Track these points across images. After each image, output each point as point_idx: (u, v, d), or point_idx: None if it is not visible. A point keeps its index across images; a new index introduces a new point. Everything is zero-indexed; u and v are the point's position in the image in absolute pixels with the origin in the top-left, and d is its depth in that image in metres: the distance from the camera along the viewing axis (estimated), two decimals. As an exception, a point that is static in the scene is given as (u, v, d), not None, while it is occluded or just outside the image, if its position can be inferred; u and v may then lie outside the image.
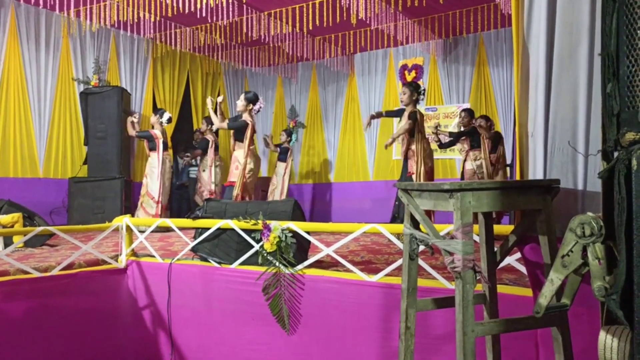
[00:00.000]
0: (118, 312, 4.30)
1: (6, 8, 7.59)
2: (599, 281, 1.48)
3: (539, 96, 2.25)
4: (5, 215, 5.23)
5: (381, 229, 3.27)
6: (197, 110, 10.39)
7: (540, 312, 1.67)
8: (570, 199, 2.13)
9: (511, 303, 2.64)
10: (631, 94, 1.39)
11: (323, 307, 3.47)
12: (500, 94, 9.14)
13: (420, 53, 9.79)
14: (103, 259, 4.31)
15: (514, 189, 1.96)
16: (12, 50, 7.66)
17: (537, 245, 2.04)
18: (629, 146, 1.37)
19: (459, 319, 1.78)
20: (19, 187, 7.46)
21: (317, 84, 11.11)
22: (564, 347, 1.91)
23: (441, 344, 2.94)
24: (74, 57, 8.42)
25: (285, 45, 9.17)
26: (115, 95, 7.95)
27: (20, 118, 7.74)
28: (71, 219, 7.59)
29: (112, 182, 7.67)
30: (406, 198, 2.14)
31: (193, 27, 8.78)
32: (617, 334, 1.42)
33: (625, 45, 1.39)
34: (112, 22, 7.66)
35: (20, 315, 3.65)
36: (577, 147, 2.13)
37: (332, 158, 10.87)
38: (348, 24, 8.01)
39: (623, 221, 1.34)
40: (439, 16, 8.34)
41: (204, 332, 3.99)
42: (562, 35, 2.18)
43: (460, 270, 1.78)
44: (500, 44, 9.10)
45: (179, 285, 4.11)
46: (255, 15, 8.04)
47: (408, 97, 5.85)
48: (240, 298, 3.78)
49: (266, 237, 3.61)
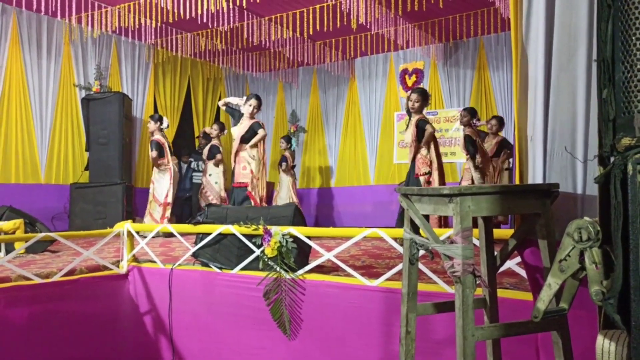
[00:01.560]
0: (119, 317, 4.30)
1: (8, 15, 7.63)
2: (596, 285, 1.48)
3: (538, 100, 2.26)
4: (7, 222, 5.24)
5: (382, 233, 3.27)
6: (198, 116, 10.42)
7: (539, 316, 1.68)
8: (569, 203, 2.13)
9: (511, 307, 2.64)
10: (627, 99, 1.39)
11: (324, 311, 3.47)
12: (500, 97, 9.15)
13: (421, 57, 9.81)
14: (104, 265, 4.31)
15: (514, 193, 1.96)
16: (14, 56, 7.70)
17: (537, 249, 2.05)
18: (624, 151, 1.37)
19: (459, 323, 1.79)
20: (21, 193, 7.48)
21: (317, 88, 11.13)
22: (564, 351, 1.91)
23: (442, 349, 2.94)
24: (76, 63, 8.46)
25: (286, 50, 9.20)
26: (116, 101, 7.97)
27: (22, 124, 7.77)
28: (73, 225, 7.60)
29: (113, 188, 7.68)
30: (406, 203, 2.15)
31: (194, 33, 8.81)
32: (615, 338, 1.42)
33: (620, 51, 1.40)
34: (113, 29, 7.70)
35: (22, 321, 3.66)
36: (576, 151, 2.13)
37: (333, 162, 10.89)
38: (348, 28, 8.04)
39: (619, 226, 1.35)
40: (439, 20, 8.36)
41: (205, 338, 4.00)
42: (560, 39, 2.19)
43: (460, 274, 1.79)
44: (501, 47, 9.11)
45: (180, 291, 4.12)
46: (256, 20, 8.08)
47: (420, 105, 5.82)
48: (242, 303, 3.78)
49: (267, 242, 3.62)
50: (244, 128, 6.32)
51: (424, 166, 5.78)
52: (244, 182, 6.24)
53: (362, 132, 10.56)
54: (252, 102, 6.30)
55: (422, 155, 5.80)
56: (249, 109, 6.29)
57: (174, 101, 9.96)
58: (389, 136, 10.19)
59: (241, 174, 6.25)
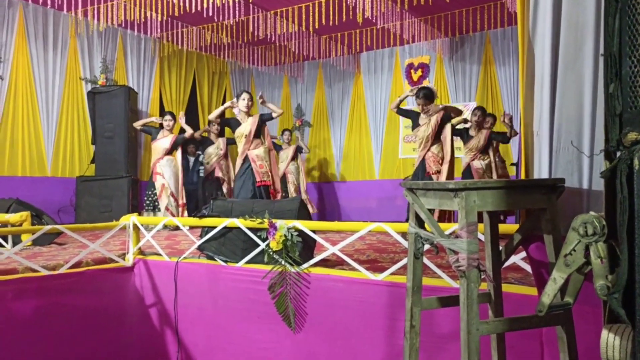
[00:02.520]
0: (125, 310, 4.33)
1: (14, 8, 7.65)
2: (601, 280, 1.48)
3: (544, 95, 2.25)
4: (14, 214, 5.27)
5: (387, 227, 3.28)
6: (204, 109, 10.43)
7: (543, 310, 1.68)
8: (575, 198, 2.13)
9: (516, 302, 2.64)
10: (633, 94, 1.39)
11: (329, 305, 3.48)
12: (506, 92, 9.12)
13: (427, 52, 9.78)
14: (110, 258, 4.34)
15: (519, 188, 1.96)
16: (20, 49, 7.72)
17: (542, 244, 2.05)
18: (631, 146, 1.37)
19: (464, 317, 1.79)
20: (27, 185, 7.52)
21: (323, 82, 11.12)
22: (568, 346, 1.91)
23: (446, 343, 2.95)
24: (82, 57, 8.48)
25: (291, 44, 9.19)
26: (122, 94, 8.00)
27: (29, 117, 7.81)
28: (79, 218, 7.65)
29: (119, 181, 7.72)
30: (411, 197, 2.15)
31: (200, 27, 8.81)
32: (619, 332, 1.42)
33: (627, 46, 1.40)
34: (119, 22, 7.71)
35: (28, 313, 3.69)
36: (582, 146, 2.13)
37: (338, 157, 10.88)
38: (354, 22, 8.01)
39: (625, 220, 1.35)
40: (445, 15, 8.33)
41: (210, 330, 4.02)
42: (567, 34, 2.18)
43: (464, 269, 1.79)
44: (507, 42, 9.07)
45: (185, 284, 4.14)
46: (262, 14, 8.06)
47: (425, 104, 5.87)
48: (247, 296, 3.80)
49: (272, 235, 3.63)
50: (252, 125, 6.22)
51: (436, 164, 5.79)
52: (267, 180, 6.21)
53: (367, 126, 10.55)
54: (245, 95, 6.24)
55: (433, 153, 5.79)
56: (245, 102, 6.19)
57: (180, 95, 9.97)
58: (395, 131, 10.17)
59: (259, 172, 6.18)
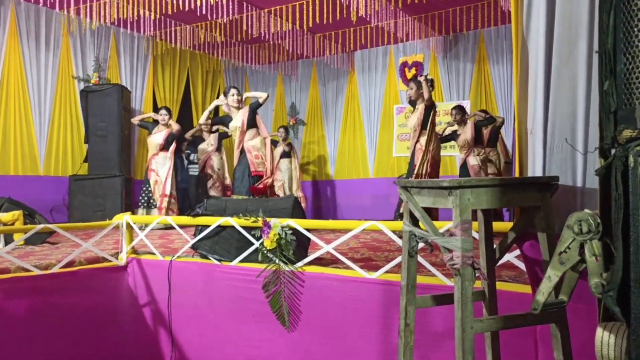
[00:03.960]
0: (118, 309, 4.31)
1: (6, 6, 7.59)
2: (596, 278, 1.48)
3: (538, 93, 2.25)
4: (6, 213, 5.24)
5: (381, 226, 3.27)
6: (197, 108, 10.38)
7: (538, 308, 1.68)
8: (569, 196, 2.13)
9: (510, 300, 2.64)
10: (628, 91, 1.39)
11: (323, 304, 3.47)
12: (500, 91, 9.14)
13: (421, 50, 9.79)
14: (103, 257, 4.31)
15: (513, 186, 1.96)
16: (12, 48, 7.66)
17: (536, 242, 2.04)
18: (625, 143, 1.37)
19: (458, 315, 1.79)
20: (20, 184, 7.47)
21: (317, 81, 11.11)
22: (562, 344, 1.91)
23: (440, 341, 2.95)
24: (74, 55, 8.43)
25: (285, 42, 9.17)
26: (115, 93, 7.95)
27: (21, 116, 7.75)
28: (72, 217, 7.60)
29: (112, 180, 7.67)
30: (405, 195, 2.14)
31: (193, 25, 8.78)
32: (614, 330, 1.42)
33: (622, 43, 1.39)
34: (112, 20, 7.67)
35: (20, 313, 3.66)
36: (576, 143, 2.13)
37: (332, 155, 10.88)
38: (348, 21, 8.01)
39: (620, 218, 1.34)
40: (439, 13, 8.33)
41: (204, 329, 4.00)
42: (561, 31, 2.18)
43: (459, 267, 1.79)
44: (501, 41, 9.09)
45: (179, 283, 4.12)
46: (255, 12, 8.04)
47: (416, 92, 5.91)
48: (241, 295, 3.79)
49: (266, 234, 3.62)
50: (243, 116, 6.23)
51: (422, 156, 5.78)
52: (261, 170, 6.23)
53: (361, 125, 10.55)
54: (233, 91, 6.27)
55: (421, 145, 5.78)
56: (235, 98, 6.23)
57: (173, 93, 9.93)
58: (389, 129, 10.18)
59: (254, 162, 6.21)
